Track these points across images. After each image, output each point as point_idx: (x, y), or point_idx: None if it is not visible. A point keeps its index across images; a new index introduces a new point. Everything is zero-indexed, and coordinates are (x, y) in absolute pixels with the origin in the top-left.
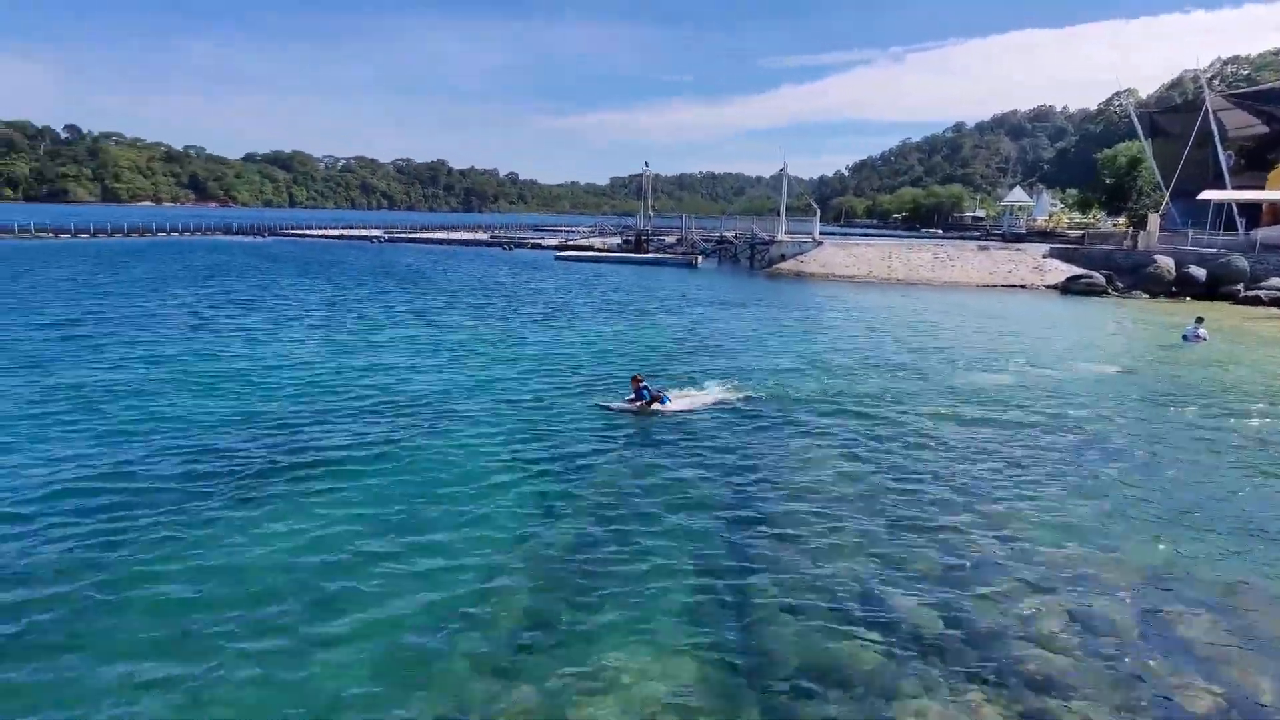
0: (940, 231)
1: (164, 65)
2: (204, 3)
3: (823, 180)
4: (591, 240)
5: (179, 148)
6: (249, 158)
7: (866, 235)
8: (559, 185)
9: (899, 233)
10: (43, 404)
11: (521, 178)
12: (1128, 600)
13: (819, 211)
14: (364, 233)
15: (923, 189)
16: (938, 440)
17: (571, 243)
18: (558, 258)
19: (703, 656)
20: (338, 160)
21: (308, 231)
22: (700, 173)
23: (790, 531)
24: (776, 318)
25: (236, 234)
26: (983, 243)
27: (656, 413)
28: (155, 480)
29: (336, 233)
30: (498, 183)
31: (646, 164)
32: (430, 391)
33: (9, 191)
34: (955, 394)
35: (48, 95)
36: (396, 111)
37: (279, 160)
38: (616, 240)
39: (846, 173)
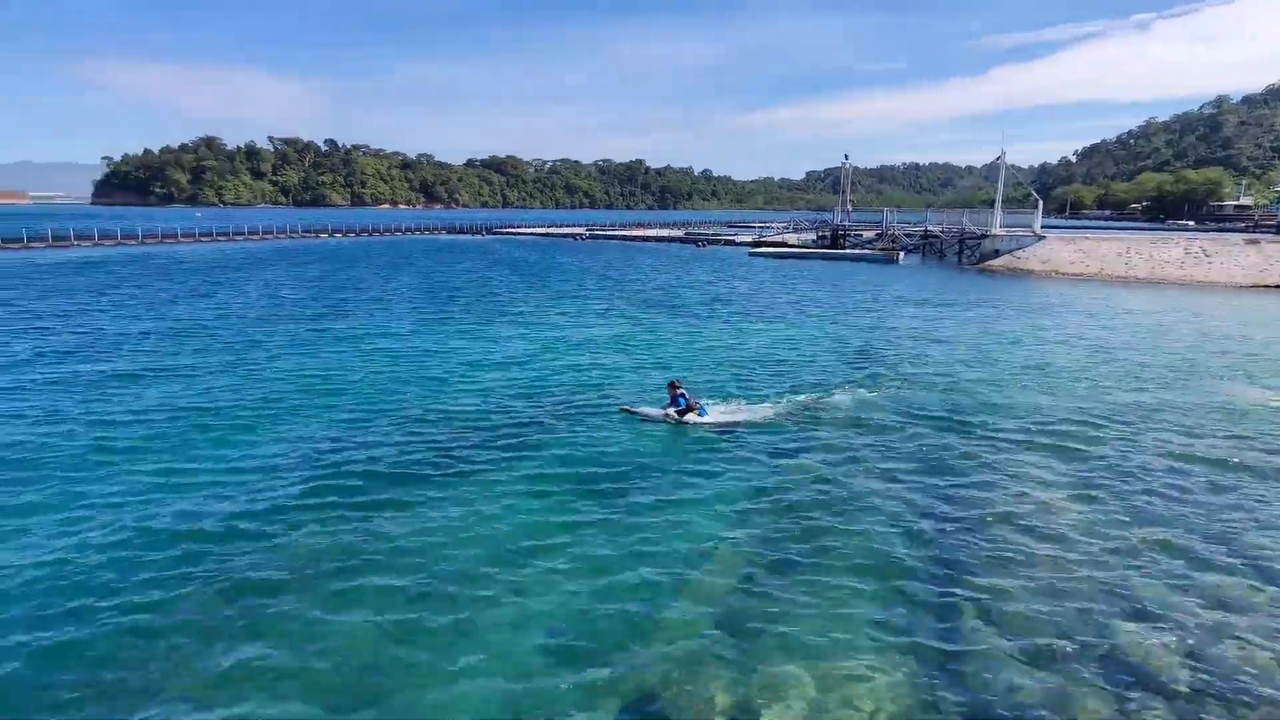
0: (1191, 224)
1: (401, 85)
2: (429, 29)
3: (1044, 168)
4: (786, 236)
5: (413, 156)
6: (469, 163)
7: (1099, 229)
8: (752, 181)
9: (1139, 224)
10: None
11: (715, 174)
12: None
13: (1040, 202)
14: (568, 231)
15: (1169, 174)
16: (1196, 481)
17: (766, 239)
18: (752, 254)
19: (897, 670)
20: (545, 163)
21: (519, 230)
22: (902, 164)
23: (1007, 555)
24: (990, 319)
25: (460, 233)
26: (1251, 235)
27: (690, 424)
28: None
29: (544, 230)
30: (691, 180)
31: (846, 156)
32: (635, 388)
33: (282, 198)
34: (1235, 417)
35: (314, 114)
36: (599, 116)
37: (494, 164)
38: (812, 236)
39: (1073, 159)
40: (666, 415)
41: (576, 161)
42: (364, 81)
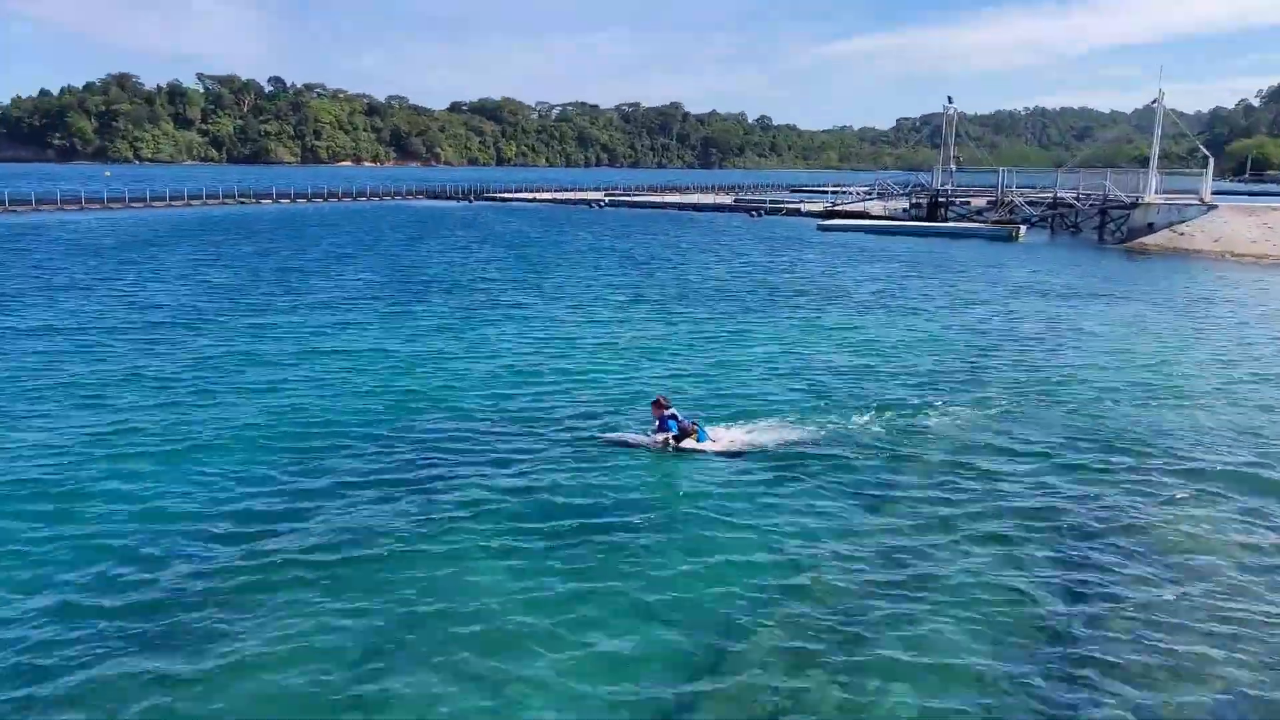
0: None
1: (370, 10)
2: None
3: (1216, 115)
4: (867, 204)
5: (381, 99)
6: (454, 108)
7: None
8: (825, 132)
9: None
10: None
11: (775, 123)
12: None
13: (1210, 160)
14: (581, 196)
15: None
16: None
17: (840, 207)
18: (821, 227)
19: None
20: (552, 108)
21: (518, 195)
22: (1025, 109)
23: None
24: (1142, 319)
25: (441, 198)
26: None
27: (684, 451)
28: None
29: (550, 196)
30: (744, 130)
31: (949, 100)
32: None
33: (214, 153)
34: None
35: (256, 45)
36: (625, 46)
37: (486, 110)
38: (903, 204)
39: (1256, 102)
40: (655, 442)
41: (594, 106)
42: (323, 2)
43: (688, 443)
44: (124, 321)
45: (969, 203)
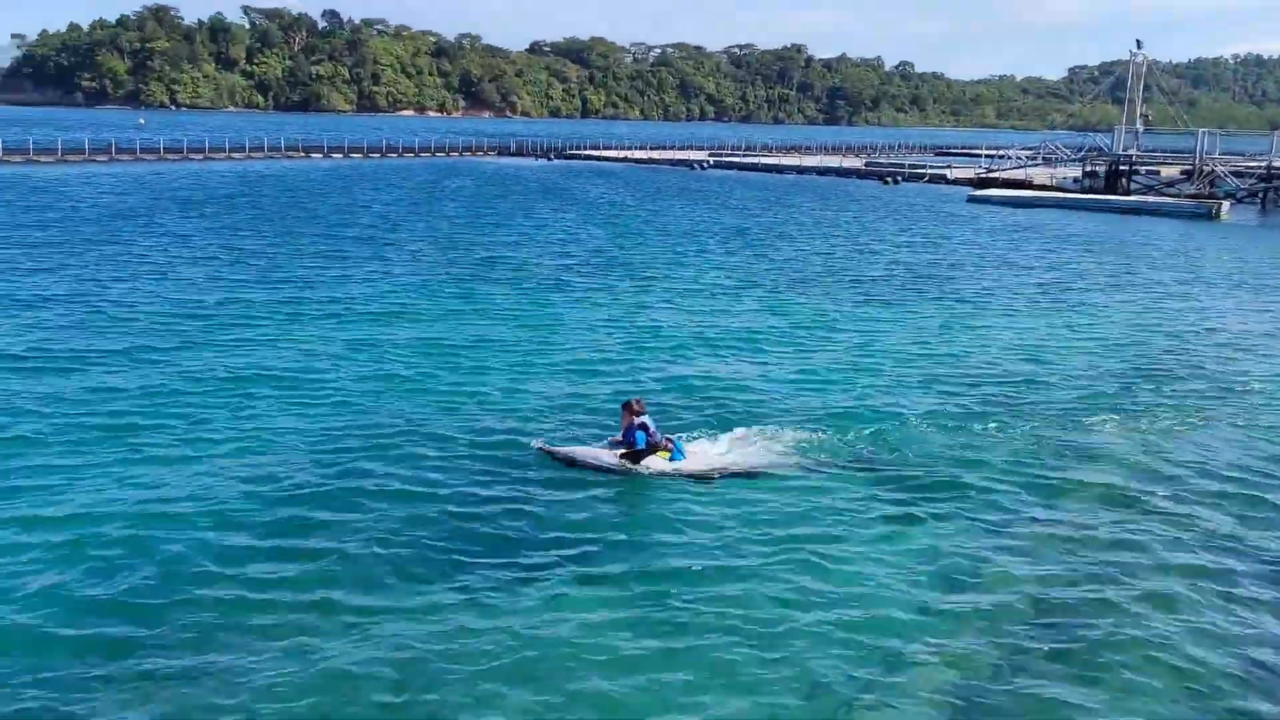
0: None
1: None
2: None
3: None
4: (1030, 171)
5: (450, 38)
6: (534, 48)
7: None
8: (979, 82)
9: None
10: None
11: (918, 70)
12: None
13: None
14: (681, 156)
15: None
16: None
17: (996, 174)
18: (972, 198)
19: None
20: (649, 49)
21: (605, 152)
22: (1233, 57)
23: None
24: None
25: (515, 154)
26: None
27: (651, 472)
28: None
29: (643, 154)
30: (880, 79)
31: (1138, 44)
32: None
33: (260, 98)
34: None
35: None
36: None
37: (571, 51)
38: (1074, 172)
39: None
40: (611, 460)
41: (699, 49)
42: None
43: (653, 462)
44: (143, 296)
45: (1158, 172)
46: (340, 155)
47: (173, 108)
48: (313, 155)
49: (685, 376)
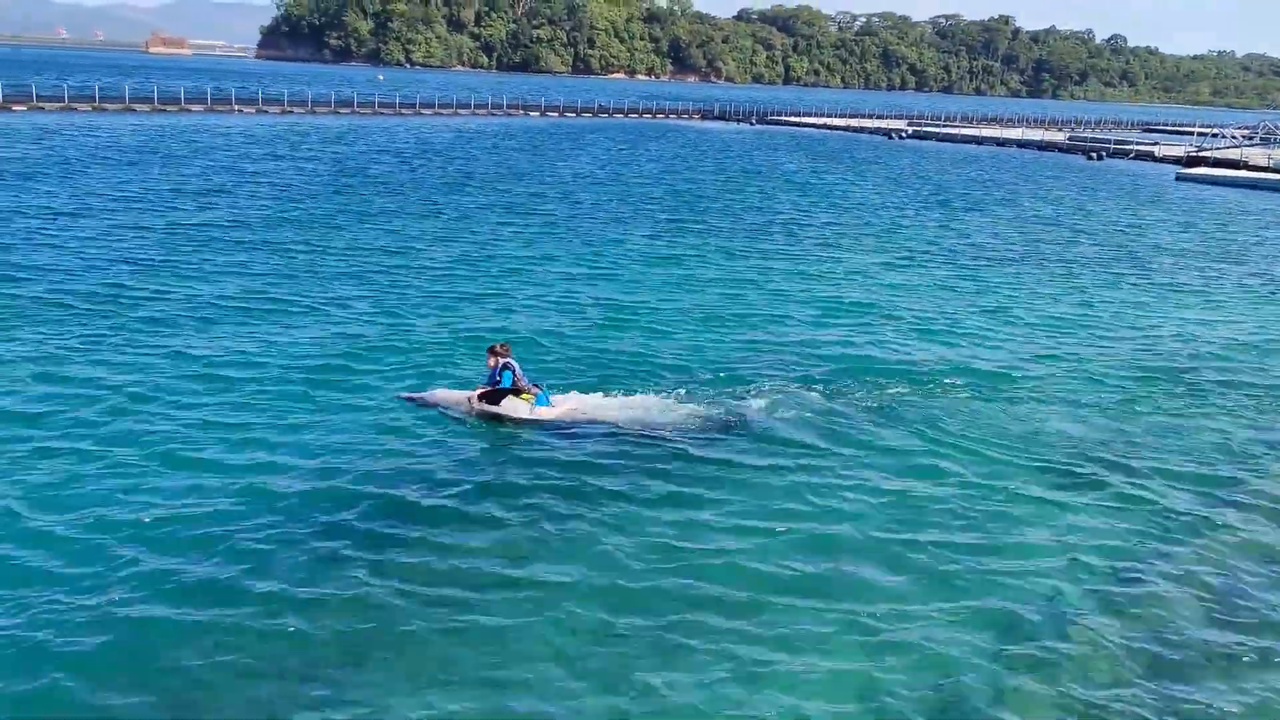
0: None
1: None
2: None
3: None
4: (1247, 151)
5: (662, 3)
6: (742, 15)
7: None
8: (1195, 58)
9: None
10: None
11: (1131, 44)
12: None
13: None
14: (880, 125)
15: None
16: None
17: (1208, 153)
18: (1181, 177)
19: None
20: (855, 19)
21: (804, 119)
22: None
23: None
24: None
25: (718, 118)
26: None
27: (511, 418)
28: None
29: (843, 123)
30: (1089, 52)
31: None
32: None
33: (484, 59)
34: None
35: None
36: None
37: (777, 19)
38: None
39: None
40: (469, 400)
41: (904, 18)
42: None
43: (515, 406)
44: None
45: None
46: (556, 114)
47: (408, 65)
48: (530, 113)
49: (864, 346)
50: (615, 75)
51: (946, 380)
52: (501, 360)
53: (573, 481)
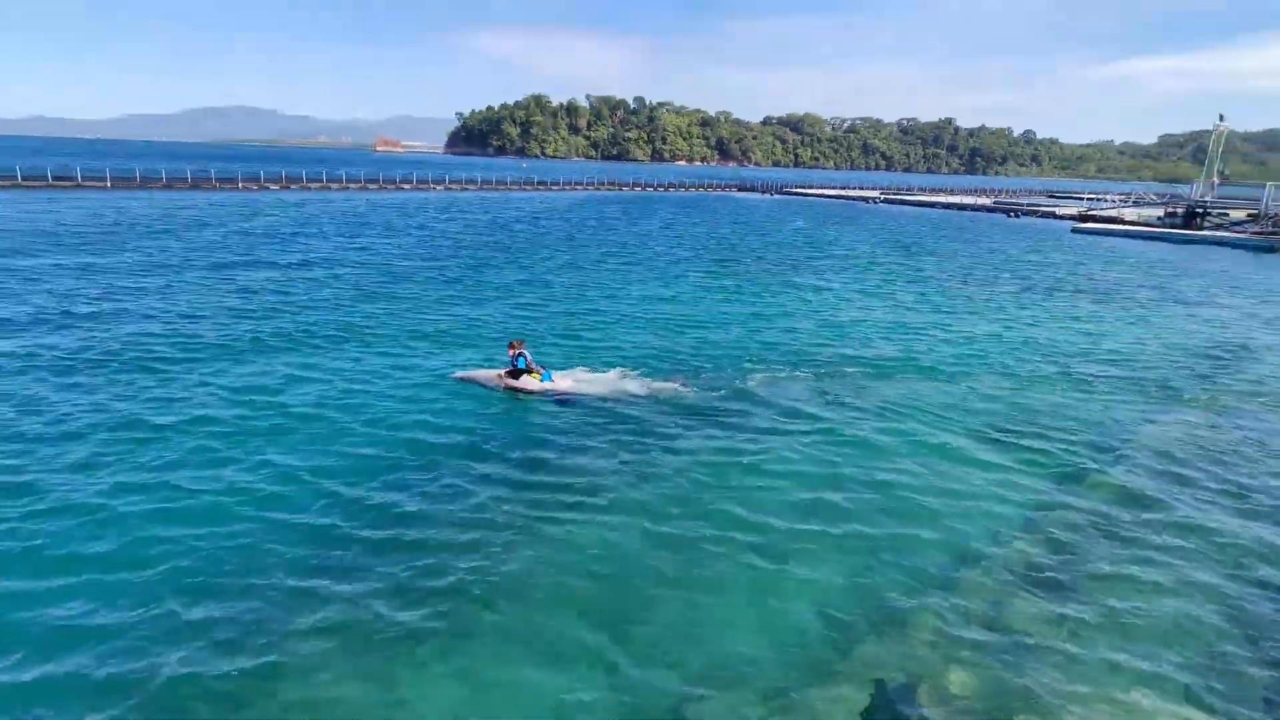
0: None
1: (710, 45)
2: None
3: None
4: (1122, 211)
5: (712, 113)
6: (766, 120)
7: None
8: (1086, 145)
9: None
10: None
11: (1039, 136)
12: None
13: None
14: (860, 194)
15: None
16: None
17: (1094, 213)
18: (1075, 230)
19: None
20: (844, 121)
21: (808, 190)
22: None
23: None
24: None
25: (749, 190)
26: None
27: (527, 390)
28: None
29: (834, 192)
30: (1009, 142)
31: (1221, 117)
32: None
33: (592, 152)
34: None
35: (629, 71)
36: (906, 72)
37: (790, 122)
38: (1157, 212)
39: None
40: (498, 376)
41: (878, 120)
42: (687, 40)
43: (530, 381)
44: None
45: (1227, 214)
46: (640, 188)
47: (541, 157)
48: (622, 188)
49: (840, 345)
50: (679, 161)
51: (896, 368)
52: (517, 351)
53: (574, 430)
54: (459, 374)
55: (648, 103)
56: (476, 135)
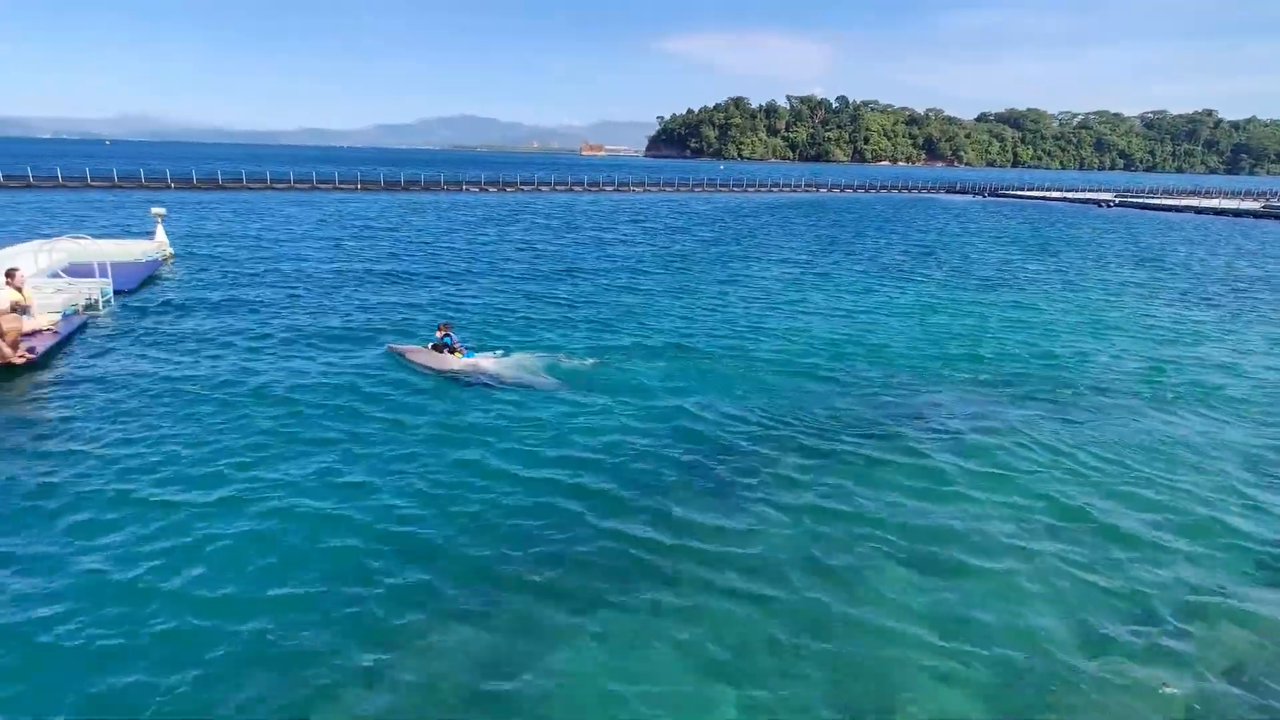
0: None
1: (919, 38)
2: None
3: None
4: None
5: (920, 111)
6: (982, 117)
7: None
8: None
9: None
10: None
11: None
12: None
13: None
14: (1089, 196)
15: None
16: None
17: None
18: None
19: None
20: (1074, 116)
21: (1026, 193)
22: None
23: None
24: None
25: (958, 193)
26: None
27: (449, 370)
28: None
29: (1058, 195)
30: None
31: None
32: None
33: (790, 153)
34: None
35: (832, 69)
36: (1150, 57)
37: (1009, 119)
38: None
39: None
40: (424, 350)
41: (1116, 114)
42: (893, 34)
43: (453, 359)
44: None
45: None
46: (839, 190)
47: (738, 159)
48: (821, 190)
49: (1052, 350)
50: (882, 162)
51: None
52: (444, 332)
53: (491, 397)
54: (391, 345)
55: (850, 102)
56: (675, 138)
